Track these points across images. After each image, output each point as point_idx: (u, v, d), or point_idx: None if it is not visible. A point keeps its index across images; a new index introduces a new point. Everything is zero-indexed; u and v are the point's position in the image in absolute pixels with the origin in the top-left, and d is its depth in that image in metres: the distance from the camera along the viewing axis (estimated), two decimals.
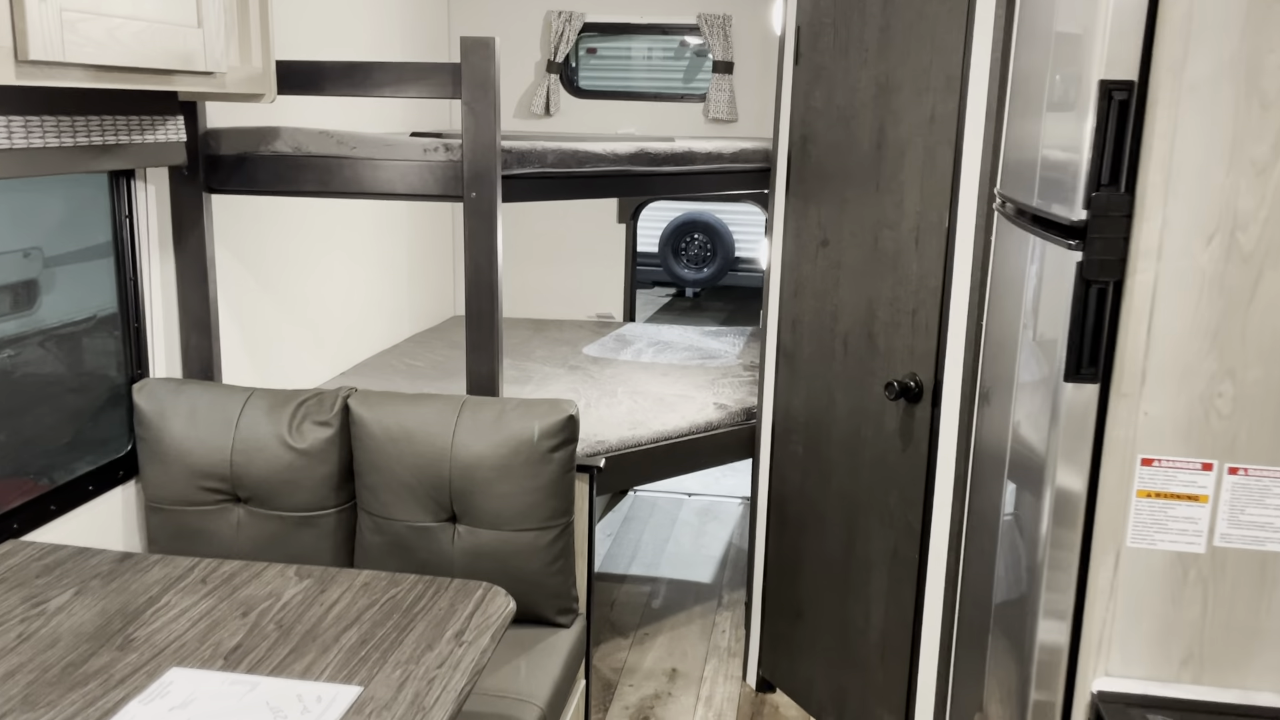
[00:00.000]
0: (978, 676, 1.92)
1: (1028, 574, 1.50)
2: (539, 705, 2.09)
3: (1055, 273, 1.37)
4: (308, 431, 2.35)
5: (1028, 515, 1.52)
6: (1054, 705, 1.42)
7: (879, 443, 2.54)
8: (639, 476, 2.98)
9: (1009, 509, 1.71)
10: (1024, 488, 1.58)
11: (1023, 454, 1.59)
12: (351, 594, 1.87)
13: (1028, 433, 1.53)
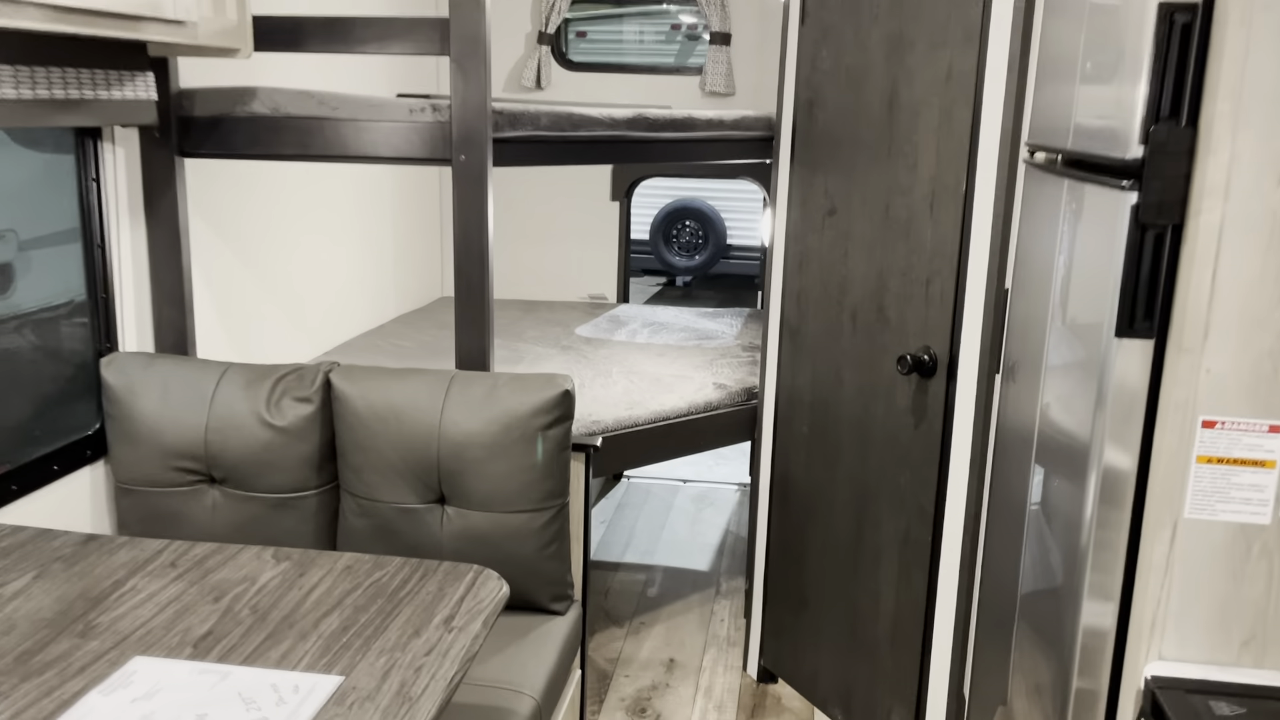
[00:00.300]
0: (1001, 669, 1.80)
1: (1066, 554, 1.38)
2: (533, 696, 1.97)
3: (1102, 220, 1.25)
4: (287, 408, 2.22)
5: (1065, 493, 1.41)
6: (1098, 694, 1.30)
7: (890, 421, 2.42)
8: (637, 458, 2.86)
9: (1039, 490, 1.59)
10: (1060, 463, 1.46)
11: (1058, 426, 1.48)
12: (333, 577, 1.74)
13: (1065, 402, 1.42)
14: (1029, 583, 1.64)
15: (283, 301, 3.04)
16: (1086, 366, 1.30)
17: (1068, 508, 1.39)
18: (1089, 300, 1.30)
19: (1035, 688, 1.56)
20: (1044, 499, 1.56)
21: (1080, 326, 1.35)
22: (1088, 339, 1.31)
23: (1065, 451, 1.41)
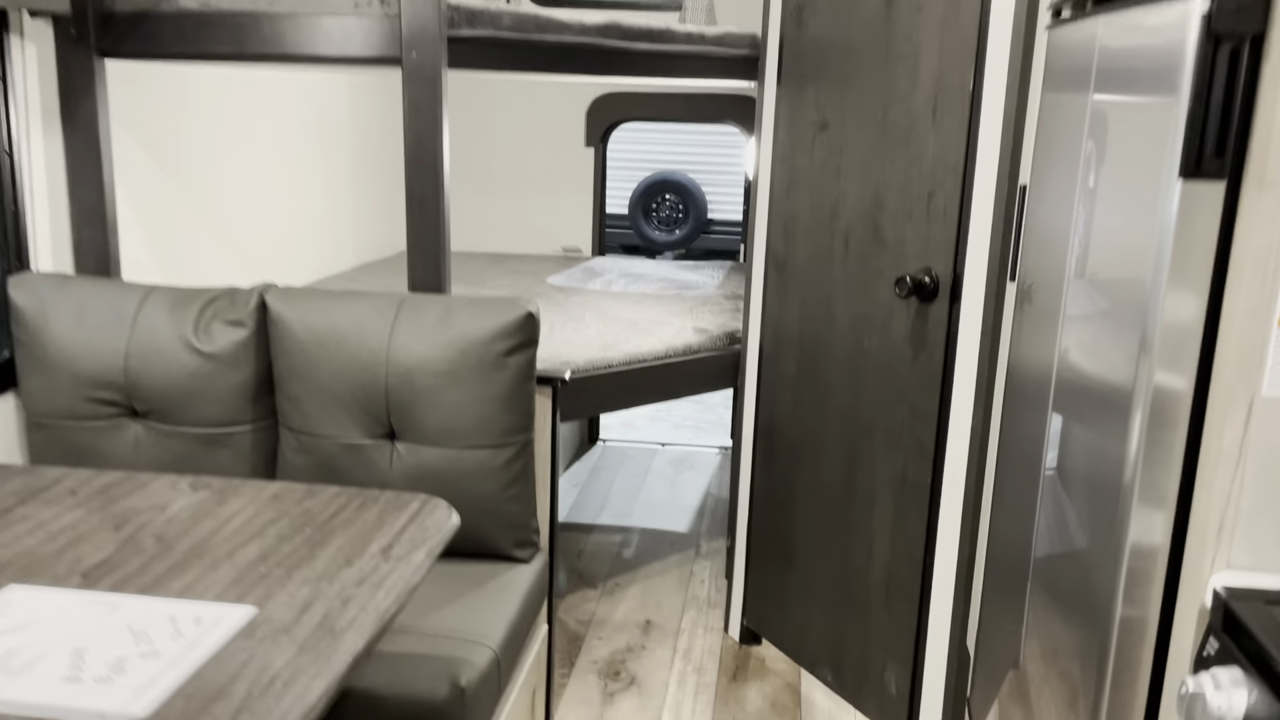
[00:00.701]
0: (1012, 631, 1.60)
1: (1104, 459, 1.18)
2: (491, 647, 1.75)
3: (1158, 49, 1.05)
4: (217, 333, 1.99)
5: (1104, 394, 1.20)
6: (1146, 621, 1.10)
7: (885, 353, 2.21)
8: (611, 401, 2.64)
9: (1059, 426, 1.39)
10: (1088, 386, 1.26)
11: (1084, 354, 1.28)
12: (256, 506, 1.52)
13: (1109, 270, 1.21)
14: (1046, 535, 1.44)
15: (226, 236, 2.80)
16: (1138, 225, 1.09)
17: (1107, 405, 1.19)
18: (1142, 146, 1.09)
19: (1052, 651, 1.37)
20: (1071, 408, 1.36)
21: (1129, 182, 1.15)
22: (1139, 194, 1.10)
23: (1105, 344, 1.21)
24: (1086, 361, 1.30)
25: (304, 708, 1.03)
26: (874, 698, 2.33)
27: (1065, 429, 1.37)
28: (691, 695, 2.52)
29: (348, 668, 1.12)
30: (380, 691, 1.63)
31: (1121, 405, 1.12)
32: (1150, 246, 1.06)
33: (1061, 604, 1.34)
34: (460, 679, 1.64)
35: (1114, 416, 1.15)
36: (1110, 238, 1.22)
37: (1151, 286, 1.05)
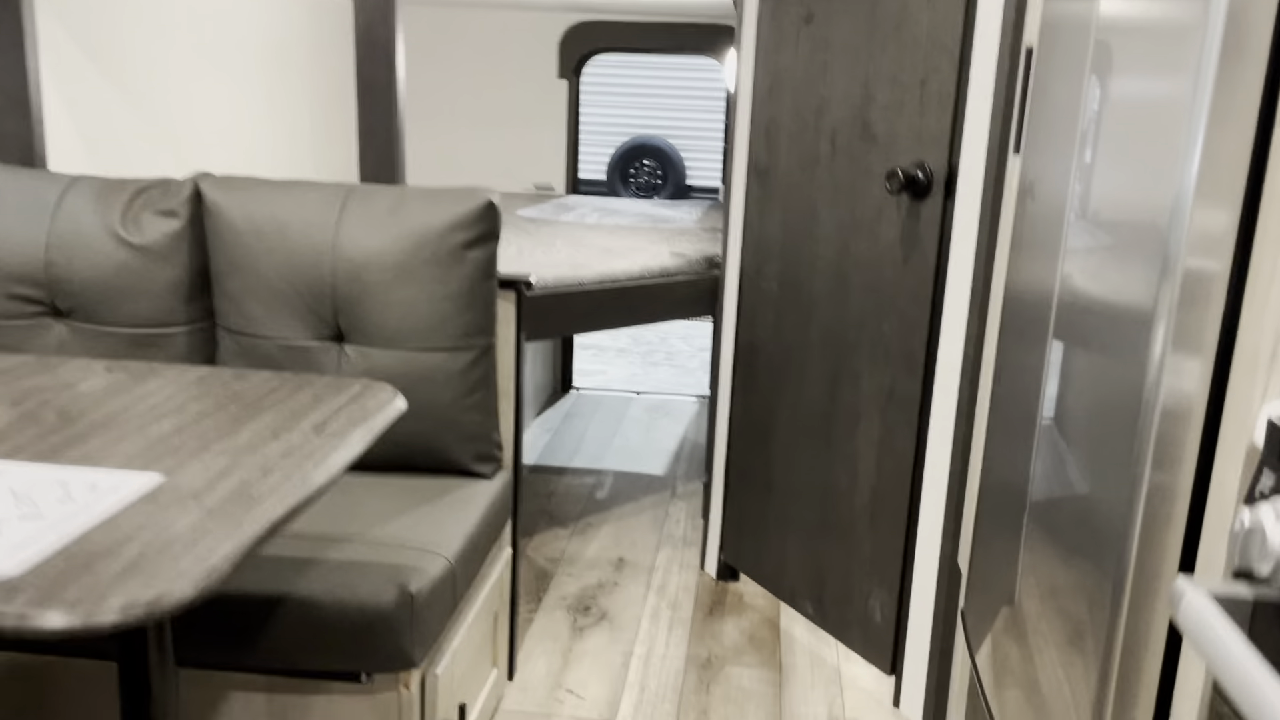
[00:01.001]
0: (1007, 569, 1.46)
1: (1130, 317, 1.04)
2: (445, 556, 1.60)
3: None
4: (147, 223, 1.83)
5: (1129, 240, 1.06)
6: (1175, 489, 0.96)
7: (873, 258, 2.07)
8: (581, 321, 2.50)
9: (1064, 303, 1.26)
10: (1109, 233, 1.12)
11: (1105, 205, 1.14)
12: (178, 386, 1.36)
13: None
14: (1045, 490, 1.30)
15: (169, 140, 2.62)
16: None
17: (1138, 245, 1.05)
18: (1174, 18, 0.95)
19: (1051, 589, 1.24)
20: (1088, 265, 1.23)
21: (1154, 58, 1.00)
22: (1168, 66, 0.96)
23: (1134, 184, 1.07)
24: (1108, 210, 1.16)
25: (204, 568, 0.88)
26: (857, 628, 2.20)
27: (1077, 301, 1.24)
28: (666, 630, 2.38)
29: (263, 533, 0.96)
30: (320, 599, 1.48)
31: (1155, 242, 0.99)
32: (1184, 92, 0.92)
33: (1062, 536, 1.20)
34: (409, 585, 1.49)
35: (1144, 252, 1.01)
36: (1130, 111, 1.08)
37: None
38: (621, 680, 2.17)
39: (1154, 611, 1.01)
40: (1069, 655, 1.18)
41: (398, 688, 1.55)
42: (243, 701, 1.57)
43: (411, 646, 1.49)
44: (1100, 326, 1.14)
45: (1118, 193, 1.13)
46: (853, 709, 2.11)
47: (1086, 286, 1.20)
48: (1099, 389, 1.13)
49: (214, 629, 1.49)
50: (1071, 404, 1.23)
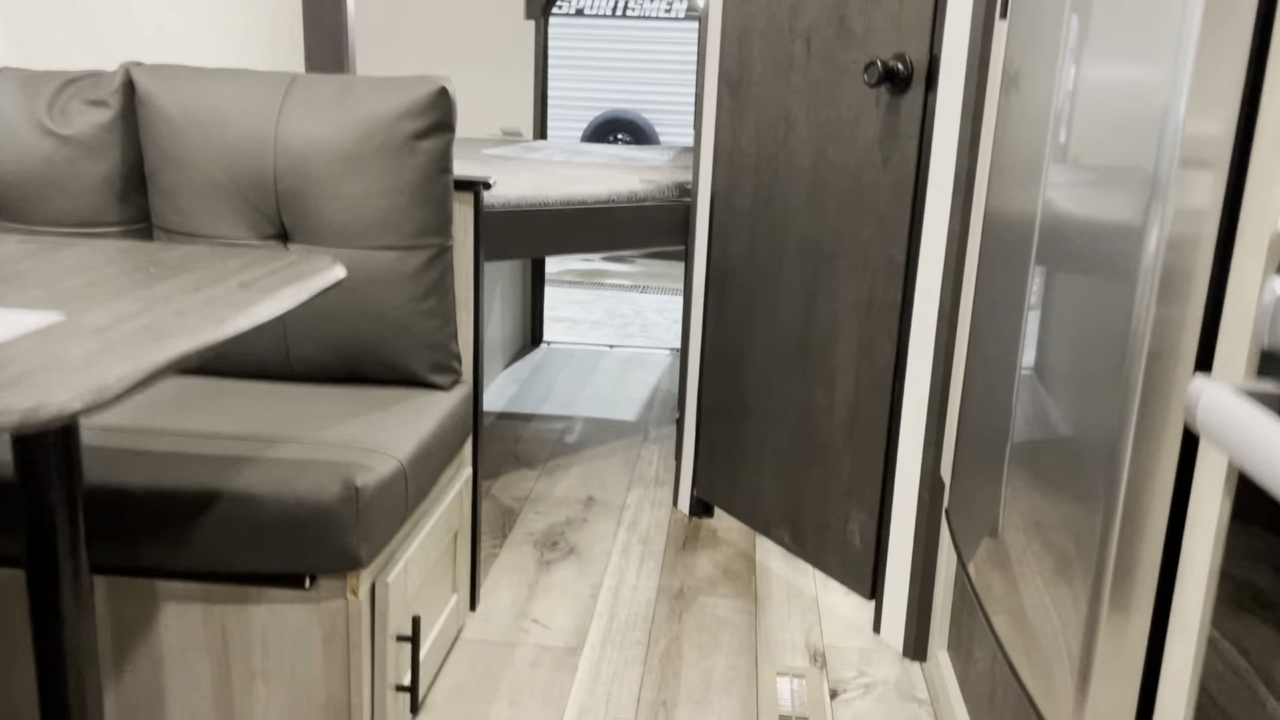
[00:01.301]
0: (989, 502, 1.37)
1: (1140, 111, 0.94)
2: (396, 457, 1.50)
3: None
4: (76, 114, 1.70)
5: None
6: (1180, 325, 0.87)
7: (851, 161, 1.97)
8: (546, 243, 2.38)
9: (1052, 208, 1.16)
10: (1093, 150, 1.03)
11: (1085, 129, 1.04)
12: (97, 252, 1.25)
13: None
14: (1037, 350, 1.21)
15: (102, 47, 2.49)
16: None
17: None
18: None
19: (1035, 524, 1.15)
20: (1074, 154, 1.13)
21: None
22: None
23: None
24: (1098, 102, 1.06)
25: (93, 385, 0.77)
26: (836, 554, 2.11)
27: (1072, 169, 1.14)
28: (637, 563, 2.28)
29: (168, 362, 0.85)
30: (258, 493, 1.37)
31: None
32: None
33: (1048, 466, 1.11)
34: (355, 479, 1.38)
35: (1138, 144, 0.91)
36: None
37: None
38: (590, 611, 2.07)
39: (1145, 532, 0.92)
40: (1057, 586, 1.09)
41: (345, 594, 1.44)
42: (176, 613, 1.46)
43: (357, 544, 1.38)
44: (1088, 233, 1.05)
45: (1108, 79, 1.03)
46: (831, 635, 2.02)
47: (1077, 187, 1.11)
48: (1089, 292, 1.03)
49: (140, 528, 1.38)
50: (1060, 293, 1.14)
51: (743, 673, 1.88)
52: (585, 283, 5.14)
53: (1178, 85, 0.86)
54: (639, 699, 1.79)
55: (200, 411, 1.60)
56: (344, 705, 1.49)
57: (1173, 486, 0.92)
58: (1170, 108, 0.87)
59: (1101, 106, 1.05)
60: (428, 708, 1.73)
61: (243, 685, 1.49)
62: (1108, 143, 1.02)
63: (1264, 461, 0.63)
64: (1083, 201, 1.07)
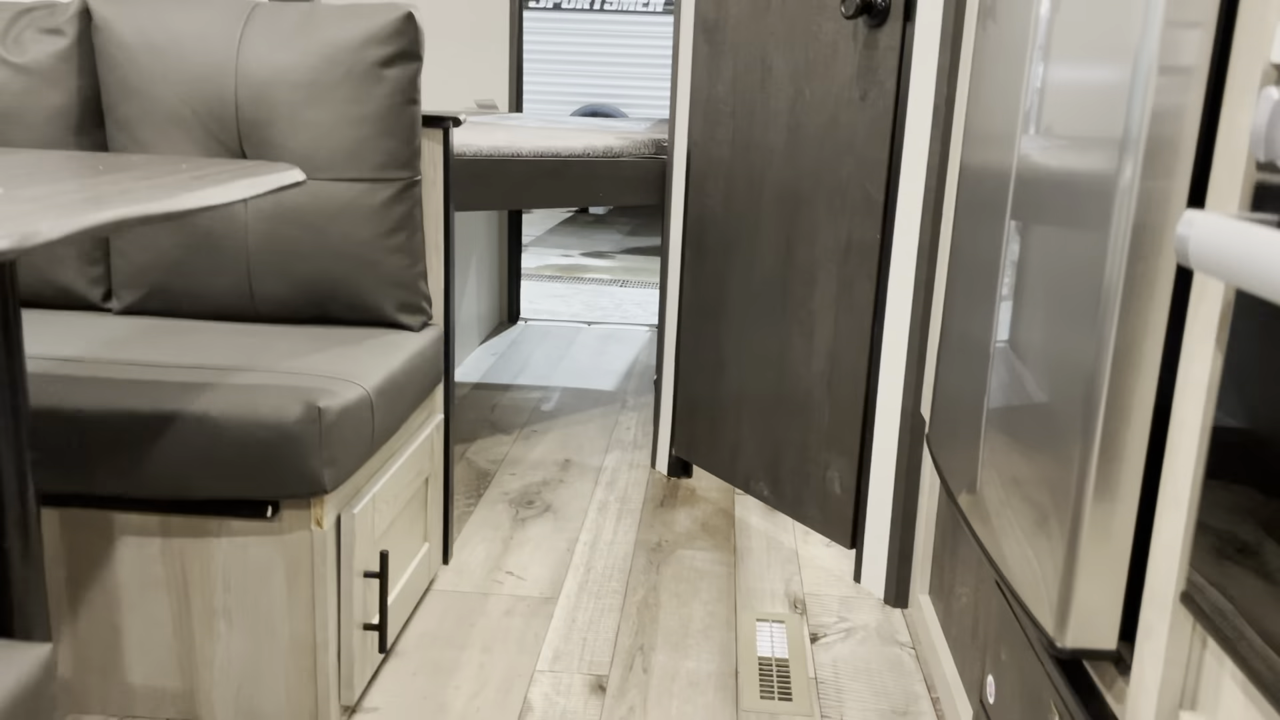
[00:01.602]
0: (968, 459, 1.33)
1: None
2: (362, 385, 1.45)
3: None
4: (30, 43, 1.65)
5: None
6: (1169, 195, 0.84)
7: (829, 100, 1.94)
8: (519, 195, 2.34)
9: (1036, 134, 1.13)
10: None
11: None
12: (41, 157, 1.19)
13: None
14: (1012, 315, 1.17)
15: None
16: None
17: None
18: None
19: (1013, 479, 1.11)
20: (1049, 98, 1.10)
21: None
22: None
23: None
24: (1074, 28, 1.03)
25: (27, 229, 0.72)
26: (815, 503, 2.08)
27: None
28: (614, 519, 2.24)
29: (107, 221, 0.81)
30: (217, 416, 1.32)
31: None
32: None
33: (1026, 416, 1.08)
34: (318, 402, 1.33)
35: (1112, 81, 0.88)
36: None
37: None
38: (566, 564, 2.03)
39: (1135, 392, 0.89)
40: (1035, 537, 1.05)
41: (309, 525, 1.39)
42: (133, 547, 1.40)
43: (320, 468, 1.33)
44: (1064, 167, 1.01)
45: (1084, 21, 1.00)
46: (811, 585, 1.98)
47: (1051, 119, 1.07)
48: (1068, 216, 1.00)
49: (95, 453, 1.32)
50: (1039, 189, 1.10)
51: (721, 619, 1.84)
52: (564, 277, 5.09)
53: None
54: (615, 644, 1.74)
55: (159, 347, 1.55)
56: (309, 643, 1.44)
57: (1161, 347, 0.89)
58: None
59: (1079, 27, 1.02)
60: (398, 653, 1.68)
61: (203, 623, 1.43)
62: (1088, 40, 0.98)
63: (1267, 270, 0.59)
64: (1062, 97, 1.04)
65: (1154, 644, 0.87)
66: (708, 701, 1.59)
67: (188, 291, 1.70)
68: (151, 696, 1.46)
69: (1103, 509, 0.93)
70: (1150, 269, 0.87)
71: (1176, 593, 0.84)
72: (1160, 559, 0.87)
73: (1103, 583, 0.94)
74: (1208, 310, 0.81)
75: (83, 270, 1.74)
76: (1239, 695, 0.78)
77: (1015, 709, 1.14)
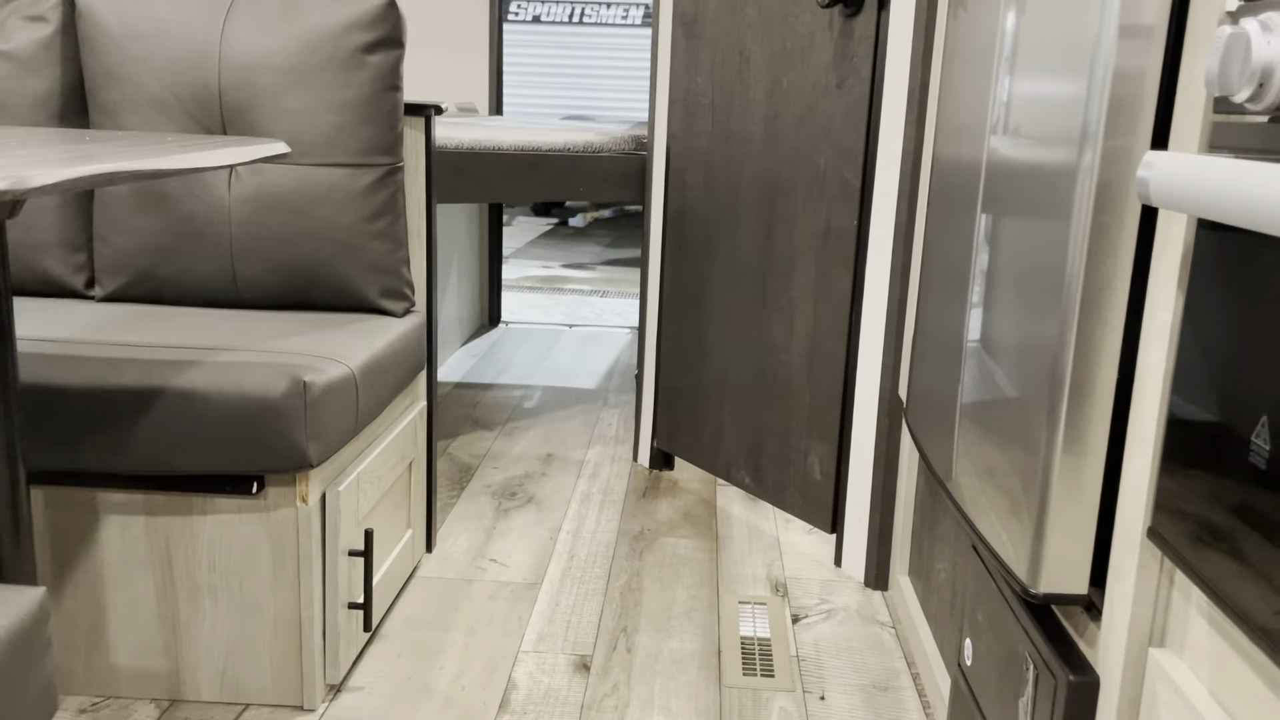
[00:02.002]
0: (943, 446, 1.36)
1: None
2: (346, 364, 1.46)
3: None
4: (14, 30, 1.66)
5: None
6: (1132, 152, 0.87)
7: (806, 88, 1.97)
8: (499, 189, 2.36)
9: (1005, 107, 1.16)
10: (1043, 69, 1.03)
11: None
12: (27, 133, 1.21)
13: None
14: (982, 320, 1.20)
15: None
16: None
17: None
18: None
19: (987, 475, 1.14)
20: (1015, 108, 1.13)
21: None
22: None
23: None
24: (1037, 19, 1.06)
25: (18, 173, 0.74)
26: (796, 489, 2.10)
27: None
28: (597, 509, 2.25)
29: (94, 174, 0.82)
30: (203, 391, 1.33)
31: None
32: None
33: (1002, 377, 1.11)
34: (303, 376, 1.35)
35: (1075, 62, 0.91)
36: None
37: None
38: (549, 551, 2.04)
39: (1102, 349, 0.92)
40: (1009, 524, 1.07)
41: (294, 501, 1.40)
42: (118, 525, 1.41)
43: (305, 442, 1.34)
44: (1031, 151, 1.04)
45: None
46: (793, 569, 2.00)
47: (1019, 97, 1.10)
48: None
49: (79, 428, 1.33)
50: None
51: (704, 602, 1.85)
52: (545, 288, 5.10)
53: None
54: (599, 626, 1.75)
55: (143, 330, 1.55)
56: (294, 620, 1.44)
57: (1127, 300, 0.91)
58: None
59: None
60: (382, 636, 1.68)
61: (188, 600, 1.44)
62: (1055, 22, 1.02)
63: (1220, 196, 0.62)
64: (1031, 60, 1.07)
65: (1123, 585, 0.90)
66: (691, 679, 1.60)
67: (171, 278, 1.71)
68: (136, 676, 1.46)
69: (1072, 460, 0.96)
70: (1116, 220, 0.90)
71: (1144, 530, 0.86)
72: (1129, 500, 0.89)
73: (1073, 529, 0.96)
74: (1170, 256, 0.84)
75: (65, 258, 1.74)
76: (1204, 626, 0.81)
77: (992, 666, 1.17)
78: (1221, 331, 0.74)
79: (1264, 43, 0.65)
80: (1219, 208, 0.63)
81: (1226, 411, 0.73)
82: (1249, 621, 0.69)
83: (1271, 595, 0.66)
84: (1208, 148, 0.78)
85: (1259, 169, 0.60)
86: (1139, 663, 0.89)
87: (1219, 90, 0.67)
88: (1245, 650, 0.74)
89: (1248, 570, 0.69)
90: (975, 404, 1.20)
